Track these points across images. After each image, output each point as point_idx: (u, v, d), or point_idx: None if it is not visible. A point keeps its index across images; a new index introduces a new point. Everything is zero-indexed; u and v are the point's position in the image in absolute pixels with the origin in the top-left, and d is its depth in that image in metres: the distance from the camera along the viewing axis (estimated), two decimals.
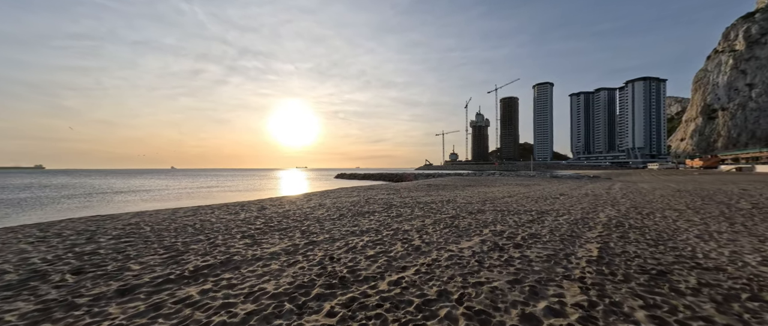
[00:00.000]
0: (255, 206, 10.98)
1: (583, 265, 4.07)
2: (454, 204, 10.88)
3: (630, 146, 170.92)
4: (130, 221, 7.92)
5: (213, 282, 3.55)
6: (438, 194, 15.18)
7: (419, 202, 11.63)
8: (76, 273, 3.86)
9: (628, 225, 6.84)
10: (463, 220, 7.58)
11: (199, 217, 8.41)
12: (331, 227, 6.84)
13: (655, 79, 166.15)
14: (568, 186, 21.48)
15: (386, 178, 47.85)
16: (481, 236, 5.77)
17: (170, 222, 7.62)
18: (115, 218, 8.42)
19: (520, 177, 39.15)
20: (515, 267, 3.98)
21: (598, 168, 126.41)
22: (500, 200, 12.00)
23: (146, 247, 5.17)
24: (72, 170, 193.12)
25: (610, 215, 8.36)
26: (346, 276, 3.70)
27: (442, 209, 9.51)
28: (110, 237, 5.94)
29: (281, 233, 6.24)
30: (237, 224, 7.28)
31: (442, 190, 18.47)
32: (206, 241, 5.52)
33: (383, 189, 18.96)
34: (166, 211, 9.90)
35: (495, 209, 9.60)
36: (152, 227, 6.92)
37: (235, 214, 8.91)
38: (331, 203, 11.32)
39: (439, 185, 22.74)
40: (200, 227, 6.88)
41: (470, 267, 4.03)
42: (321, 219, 7.86)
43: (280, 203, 11.94)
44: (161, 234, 6.17)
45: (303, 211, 9.43)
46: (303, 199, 13.42)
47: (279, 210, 9.66)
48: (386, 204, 10.90)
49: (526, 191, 16.80)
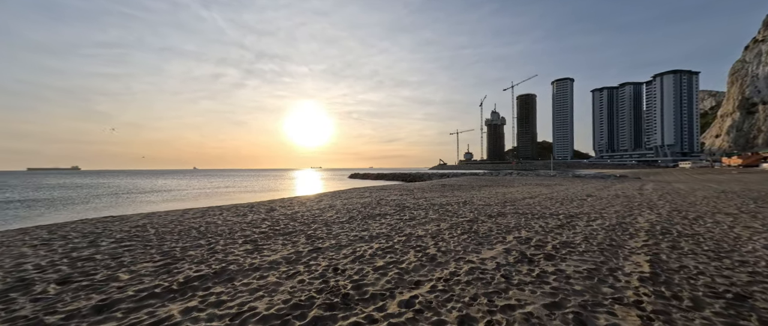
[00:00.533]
0: (264, 207, 10.73)
1: (635, 284, 3.37)
2: (471, 206, 10.18)
3: (658, 144, 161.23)
4: (138, 222, 7.81)
5: (200, 297, 3.15)
6: (453, 195, 14.47)
7: (433, 204, 11.01)
8: (61, 282, 3.58)
9: (676, 232, 5.96)
10: (483, 225, 6.92)
11: (206, 219, 8.20)
12: (339, 231, 6.38)
13: (687, 72, 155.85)
14: (593, 186, 20.11)
15: (399, 178, 47.24)
16: (505, 244, 5.12)
17: (176, 224, 7.42)
18: (125, 220, 8.35)
19: (539, 177, 37.46)
20: (551, 286, 3.34)
21: (624, 167, 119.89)
22: (521, 202, 11.17)
23: (144, 253, 4.89)
24: (104, 171, 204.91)
25: (650, 219, 7.43)
26: (350, 294, 3.20)
27: (459, 212, 8.86)
28: (112, 241, 5.75)
29: (285, 238, 5.83)
30: (242, 227, 6.97)
31: (458, 191, 17.71)
32: (206, 247, 5.19)
33: (396, 190, 18.42)
34: (177, 212, 9.81)
35: (517, 212, 8.84)
36: (157, 230, 6.72)
37: (243, 216, 8.64)
38: (341, 205, 10.91)
39: (454, 186, 21.93)
40: (204, 231, 6.61)
41: (496, 284, 3.43)
42: (329, 222, 7.42)
43: (290, 204, 11.66)
44: (163, 238, 5.93)
45: (312, 213, 9.05)
46: (314, 200, 13.10)
47: (287, 212, 9.33)
48: (398, 206, 10.36)
49: (548, 192, 15.76)
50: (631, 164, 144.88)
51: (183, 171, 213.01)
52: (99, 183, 46.26)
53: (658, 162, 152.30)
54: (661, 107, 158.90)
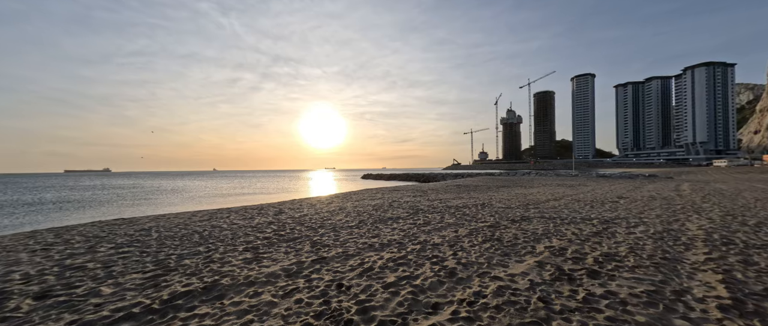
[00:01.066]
0: (273, 209, 10.42)
1: (716, 314, 2.64)
2: (491, 209, 9.43)
3: (689, 141, 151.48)
4: (144, 226, 7.63)
5: (181, 321, 2.71)
6: (470, 197, 13.70)
7: (449, 206, 10.33)
8: (39, 297, 3.25)
9: (741, 243, 5.05)
10: (507, 231, 6.22)
11: (212, 222, 7.93)
12: (347, 237, 5.88)
13: (721, 64, 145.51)
14: (623, 187, 18.69)
15: (413, 178, 46.47)
16: (536, 256, 4.44)
17: (181, 228, 7.17)
18: (133, 223, 8.22)
19: (560, 177, 35.69)
20: (605, 316, 2.67)
21: (651, 166, 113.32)
22: (546, 205, 10.30)
23: (138, 261, 4.57)
24: (132, 173, 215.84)
25: (703, 226, 6.47)
26: (354, 319, 2.66)
27: (478, 216, 8.15)
28: (112, 246, 5.50)
29: (289, 244, 5.39)
30: (246, 231, 6.60)
31: (474, 191, 16.88)
32: (203, 255, 4.81)
33: (409, 191, 17.80)
34: (186, 215, 9.66)
35: (542, 215, 8.04)
36: (160, 235, 6.47)
37: (249, 219, 8.32)
38: (351, 207, 10.44)
39: (470, 186, 21.04)
40: (207, 236, 6.28)
41: (533, 310, 2.79)
42: (337, 227, 6.94)
43: (299, 206, 11.31)
44: (163, 244, 5.63)
45: (320, 216, 8.61)
46: (324, 202, 12.72)
47: (295, 215, 8.95)
48: (412, 208, 9.76)
49: (573, 194, 14.67)
50: (658, 163, 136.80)
51: (203, 173, 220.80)
52: (126, 184, 48.33)
53: (690, 161, 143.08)
54: (692, 101, 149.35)
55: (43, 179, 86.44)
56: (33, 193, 29.83)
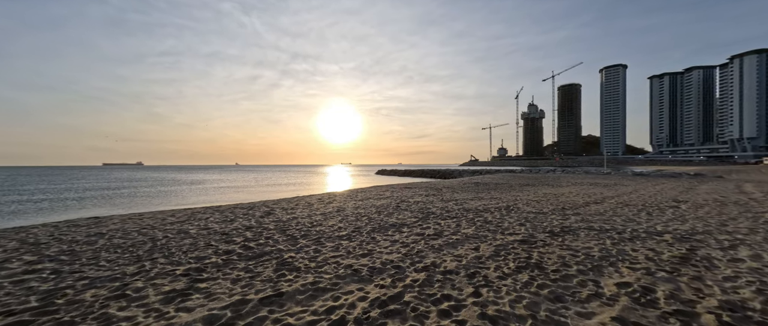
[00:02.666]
0: (263, 209, 9.20)
1: None
2: (519, 214, 7.68)
3: (735, 137, 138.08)
4: (105, 228, 6.58)
5: None
6: (491, 198, 11.90)
7: (467, 209, 8.66)
8: None
9: None
10: (547, 250, 4.54)
11: (184, 225, 6.77)
12: (330, 255, 4.44)
13: None
14: (671, 187, 16.09)
15: (427, 175, 44.58)
16: (608, 305, 2.78)
17: (141, 233, 6.03)
18: (99, 223, 7.23)
19: (590, 175, 32.62)
20: None
21: (690, 164, 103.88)
22: (586, 209, 8.38)
23: (29, 288, 3.35)
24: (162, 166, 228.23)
25: None
26: None
27: (503, 224, 6.46)
28: (34, 257, 4.38)
29: (249, 265, 4.02)
30: (210, 241, 5.32)
31: (495, 191, 15.00)
32: (119, 281, 3.52)
33: (422, 189, 16.18)
34: (164, 213, 8.62)
35: (589, 225, 6.23)
36: (107, 243, 5.33)
37: (228, 222, 7.09)
38: (352, 209, 9.01)
39: (490, 185, 19.08)
40: (161, 245, 5.06)
41: None
42: (325, 237, 5.52)
43: (294, 205, 10.04)
44: (97, 256, 4.44)
45: (311, 220, 7.25)
46: (324, 200, 11.40)
47: (284, 217, 7.64)
48: (422, 211, 8.20)
49: (614, 195, 12.48)
50: (698, 161, 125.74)
51: (226, 167, 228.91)
52: (151, 177, 49.96)
53: (735, 158, 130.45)
54: (739, 93, 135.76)
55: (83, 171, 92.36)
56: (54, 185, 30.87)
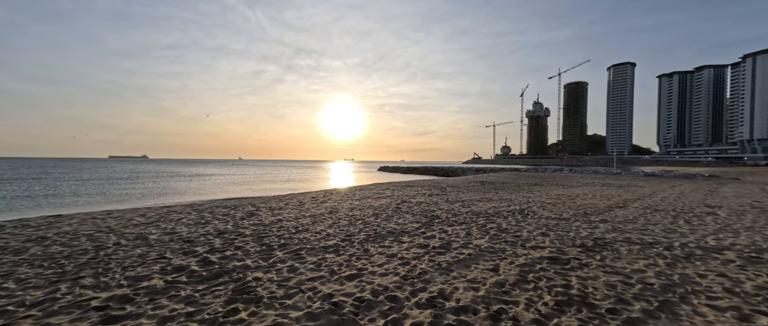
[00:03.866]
0: (248, 208, 8.27)
1: None
2: (537, 220, 6.67)
3: (745, 138, 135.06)
4: (59, 230, 5.69)
5: None
6: (500, 198, 10.89)
7: (476, 212, 7.67)
8: None
9: None
10: (587, 272, 3.55)
11: (151, 227, 5.85)
12: (308, 276, 3.49)
13: None
14: (690, 189, 14.95)
15: (431, 172, 43.54)
16: None
17: (105, 233, 5.13)
18: (54, 224, 6.36)
19: (599, 175, 31.42)
20: None
21: (697, 165, 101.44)
22: (611, 215, 7.34)
23: None
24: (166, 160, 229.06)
25: None
26: None
27: (522, 233, 5.47)
28: None
29: (198, 290, 3.08)
30: (165, 251, 4.39)
31: (503, 191, 13.97)
32: (3, 316, 2.61)
33: (425, 187, 15.20)
34: (136, 211, 7.72)
35: (626, 237, 5.21)
36: (47, 247, 4.42)
37: (201, 225, 6.16)
38: (346, 210, 8.06)
39: (496, 184, 18.04)
40: (105, 256, 4.14)
41: None
42: (306, 248, 4.57)
43: (285, 204, 9.11)
44: (15, 269, 3.53)
45: (297, 223, 6.30)
46: (318, 198, 10.46)
47: (267, 220, 6.70)
48: (425, 215, 7.23)
49: (632, 197, 11.41)
50: (706, 162, 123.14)
51: (229, 161, 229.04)
52: (153, 170, 49.47)
53: (744, 160, 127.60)
54: (751, 93, 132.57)
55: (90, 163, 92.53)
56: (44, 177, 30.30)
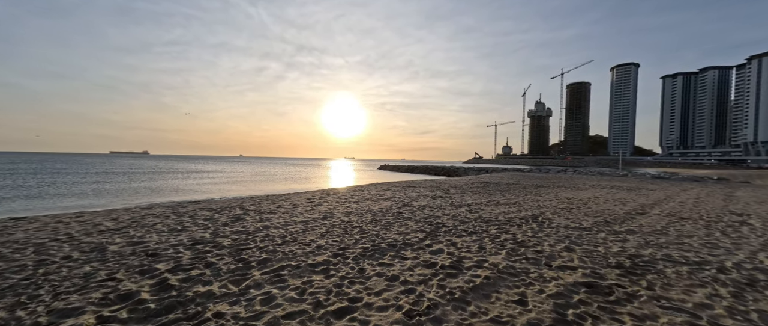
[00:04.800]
0: (235, 212, 7.54)
1: None
2: (555, 230, 5.92)
3: (749, 140, 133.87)
4: (14, 236, 4.97)
5: None
6: (508, 202, 10.14)
7: (485, 219, 6.93)
8: None
9: None
10: (640, 308, 2.79)
11: (116, 235, 5.12)
12: (286, 310, 2.75)
13: None
14: (705, 194, 14.18)
15: (432, 171, 42.78)
16: None
17: (60, 242, 4.41)
18: (7, 230, 5.64)
19: (604, 176, 30.66)
20: None
21: (700, 167, 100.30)
22: (634, 223, 6.58)
23: None
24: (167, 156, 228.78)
25: None
26: None
27: (542, 247, 4.71)
28: None
29: None
30: (118, 269, 3.66)
31: (509, 193, 13.23)
32: None
33: (427, 188, 14.46)
34: (107, 215, 7.00)
35: (664, 253, 4.46)
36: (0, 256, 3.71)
37: (175, 232, 5.43)
38: (342, 214, 7.32)
39: (501, 185, 17.30)
40: (42, 274, 3.41)
41: None
42: (290, 267, 3.84)
43: (276, 207, 8.39)
44: None
45: (287, 231, 5.57)
46: (314, 200, 9.73)
47: (253, 225, 5.97)
48: (429, 221, 6.49)
49: (648, 202, 10.64)
50: (709, 164, 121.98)
51: (230, 158, 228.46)
52: (152, 166, 48.82)
53: (748, 162, 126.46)
54: (756, 95, 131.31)
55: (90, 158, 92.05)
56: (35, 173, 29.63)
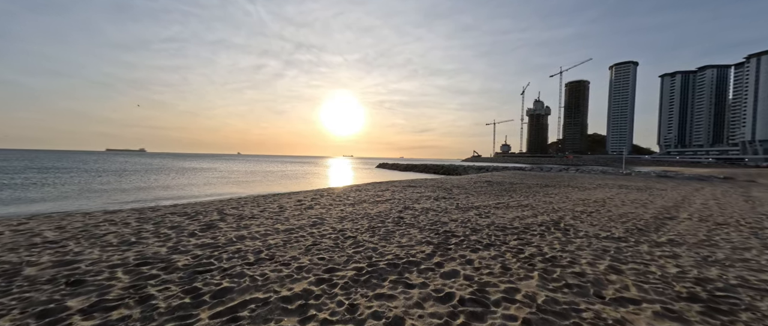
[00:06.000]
0: (210, 217, 6.56)
1: None
2: (588, 240, 5.00)
3: (746, 139, 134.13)
4: None
5: None
6: (518, 205, 9.21)
7: (500, 226, 6.00)
8: None
9: None
10: None
11: (45, 253, 4.15)
12: None
13: None
14: (720, 193, 13.36)
15: (431, 170, 41.89)
16: None
17: None
18: None
19: (608, 175, 29.89)
20: None
21: (698, 165, 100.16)
22: (670, 230, 5.67)
23: None
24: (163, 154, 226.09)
25: None
26: None
27: (581, 266, 3.77)
28: None
29: None
30: (11, 305, 2.71)
31: (515, 193, 12.33)
32: None
33: (428, 188, 13.54)
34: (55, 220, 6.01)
35: (736, 273, 3.53)
36: None
37: (127, 245, 4.46)
38: (335, 219, 6.37)
39: (505, 184, 16.41)
40: None
41: None
42: (256, 303, 2.89)
43: (260, 210, 7.41)
44: None
45: (264, 244, 4.62)
46: (305, 202, 8.76)
47: (225, 236, 5.01)
48: (435, 229, 5.55)
49: (668, 203, 9.76)
50: (706, 162, 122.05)
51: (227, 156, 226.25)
52: (145, 163, 47.56)
53: (745, 161, 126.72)
54: (754, 94, 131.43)
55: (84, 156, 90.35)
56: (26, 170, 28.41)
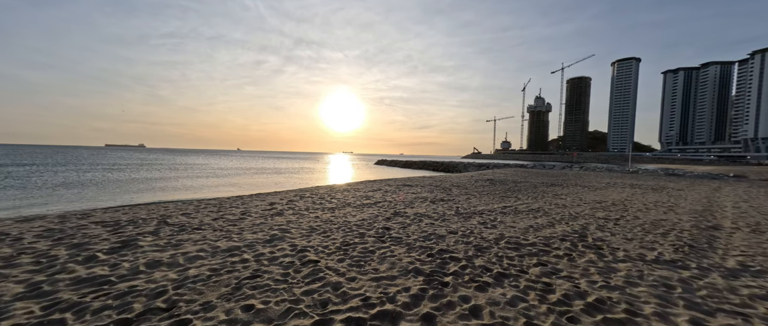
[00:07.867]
0: (144, 227, 5.26)
1: None
2: (633, 266, 3.69)
3: (749, 136, 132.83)
4: None
5: None
6: (527, 208, 7.91)
7: (510, 240, 4.71)
8: None
9: None
10: None
11: None
12: None
13: None
14: (743, 191, 12.01)
15: (430, 167, 40.61)
16: None
17: None
18: None
19: (615, 173, 28.59)
20: None
21: (700, 163, 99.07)
22: (731, 246, 4.38)
23: None
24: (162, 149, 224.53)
25: None
26: None
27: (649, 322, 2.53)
28: None
29: None
30: None
31: (520, 193, 11.04)
32: None
33: (425, 188, 12.25)
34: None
35: None
36: None
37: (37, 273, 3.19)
38: (301, 234, 5.07)
39: (508, 183, 15.13)
40: None
41: None
42: None
43: (215, 217, 6.12)
44: None
45: (182, 277, 3.33)
46: (278, 205, 7.45)
47: (129, 264, 3.71)
48: (429, 248, 4.26)
49: (698, 207, 8.43)
50: (708, 160, 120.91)
51: (226, 152, 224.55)
52: (138, 158, 46.21)
53: (747, 158, 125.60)
54: (758, 91, 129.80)
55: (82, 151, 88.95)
56: None
